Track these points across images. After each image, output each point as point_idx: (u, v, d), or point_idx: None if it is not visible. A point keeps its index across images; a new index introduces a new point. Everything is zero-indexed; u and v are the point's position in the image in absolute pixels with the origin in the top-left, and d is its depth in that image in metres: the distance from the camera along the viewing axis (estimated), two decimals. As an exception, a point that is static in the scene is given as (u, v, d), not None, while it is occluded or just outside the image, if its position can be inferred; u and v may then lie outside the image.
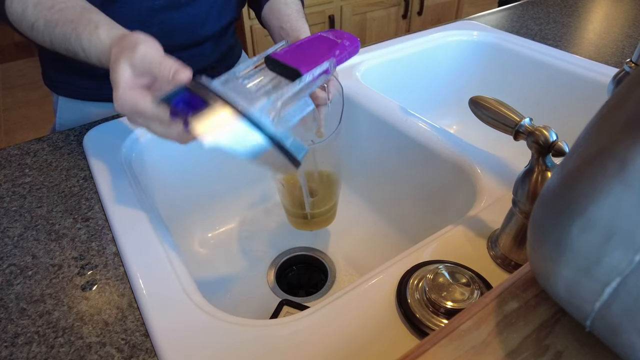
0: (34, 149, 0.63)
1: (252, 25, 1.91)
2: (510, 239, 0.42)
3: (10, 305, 0.41)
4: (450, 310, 0.36)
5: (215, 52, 0.81)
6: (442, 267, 0.39)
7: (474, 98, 0.46)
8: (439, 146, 0.61)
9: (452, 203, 0.60)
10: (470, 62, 0.95)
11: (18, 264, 0.46)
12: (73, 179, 0.57)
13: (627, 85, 0.20)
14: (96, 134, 0.64)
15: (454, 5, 2.56)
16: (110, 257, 0.46)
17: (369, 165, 0.78)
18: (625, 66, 0.44)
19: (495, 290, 0.27)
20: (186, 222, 0.73)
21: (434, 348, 0.24)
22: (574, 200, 0.19)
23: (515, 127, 0.40)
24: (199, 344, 0.37)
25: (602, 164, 0.18)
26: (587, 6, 1.10)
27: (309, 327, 0.38)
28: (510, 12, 1.08)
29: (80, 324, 0.40)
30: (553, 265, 0.21)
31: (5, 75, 2.81)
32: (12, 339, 0.39)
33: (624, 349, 0.20)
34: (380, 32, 2.35)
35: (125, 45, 0.44)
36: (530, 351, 0.23)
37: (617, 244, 0.18)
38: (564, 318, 0.25)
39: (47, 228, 0.50)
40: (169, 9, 0.70)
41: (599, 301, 0.19)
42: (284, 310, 0.60)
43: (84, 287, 0.43)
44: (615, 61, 0.81)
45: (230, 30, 0.84)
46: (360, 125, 0.75)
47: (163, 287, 0.41)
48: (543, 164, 0.38)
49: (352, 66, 0.81)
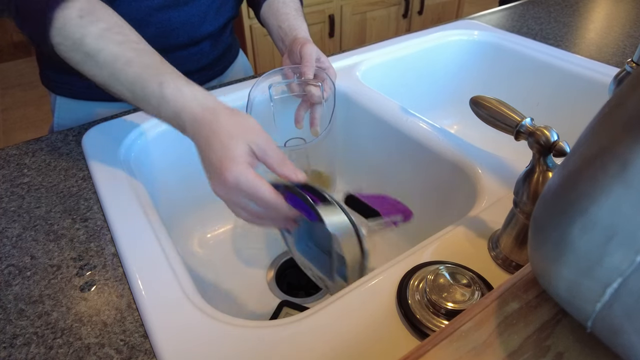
0: (32, 149, 0.63)
1: (251, 24, 1.91)
2: (511, 239, 0.42)
3: (8, 306, 0.41)
4: (451, 311, 0.36)
5: (213, 51, 0.81)
6: (443, 267, 0.39)
7: (475, 98, 0.46)
8: (440, 146, 0.61)
9: (453, 203, 0.60)
10: (470, 61, 0.95)
11: (17, 265, 0.45)
12: (72, 179, 0.57)
13: (628, 85, 0.20)
14: (95, 134, 0.64)
15: (455, 5, 2.56)
16: (109, 257, 0.46)
17: (368, 165, 0.78)
18: (626, 66, 0.44)
19: (496, 291, 0.27)
20: (185, 222, 0.73)
21: (435, 349, 0.24)
22: (575, 201, 0.19)
23: (516, 127, 0.40)
24: (198, 345, 0.37)
25: (603, 164, 0.18)
26: (588, 6, 1.10)
27: (308, 328, 0.38)
28: (510, 11, 1.07)
29: (79, 324, 0.40)
30: (554, 266, 0.21)
31: (4, 75, 2.81)
32: (11, 340, 0.38)
33: (625, 349, 0.20)
34: (380, 32, 2.35)
35: (247, 126, 0.45)
36: (531, 352, 0.23)
37: (618, 244, 0.18)
38: (565, 319, 0.25)
39: (46, 228, 0.50)
40: (168, 9, 0.70)
41: (600, 302, 0.19)
42: (284, 311, 0.60)
43: (82, 287, 0.43)
44: (616, 61, 0.81)
45: (228, 29, 0.84)
46: (360, 125, 0.74)
47: (162, 288, 0.41)
48: (544, 164, 0.38)
49: (352, 66, 0.81)
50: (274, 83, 0.67)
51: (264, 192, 0.42)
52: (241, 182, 0.42)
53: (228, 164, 0.42)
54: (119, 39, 0.49)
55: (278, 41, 0.74)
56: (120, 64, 0.48)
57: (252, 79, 0.78)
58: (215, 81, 0.85)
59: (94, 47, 0.48)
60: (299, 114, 0.68)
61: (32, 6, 0.49)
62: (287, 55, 0.71)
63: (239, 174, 0.42)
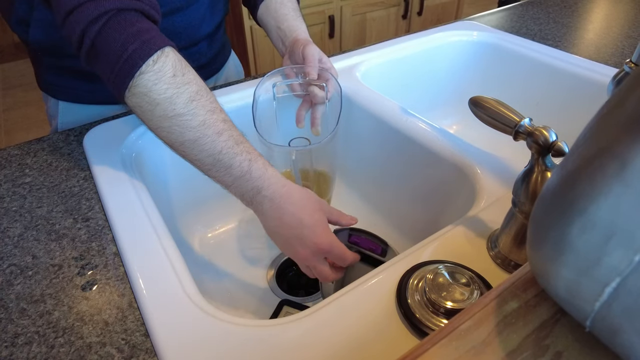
0: (34, 149, 0.63)
1: (252, 25, 1.91)
2: (510, 239, 0.42)
3: (10, 305, 0.42)
4: (450, 310, 0.36)
5: (209, 50, 0.81)
6: (442, 267, 0.39)
7: (474, 98, 0.46)
8: (439, 146, 0.61)
9: (452, 203, 0.60)
10: (470, 62, 0.95)
11: (18, 264, 0.46)
12: (73, 179, 0.57)
13: (627, 86, 0.20)
14: (96, 134, 0.64)
15: (454, 6, 2.56)
16: (111, 257, 0.46)
17: (368, 165, 0.78)
18: (625, 66, 0.44)
19: (495, 290, 0.27)
20: (186, 222, 0.73)
21: (434, 348, 0.24)
22: (574, 201, 0.20)
23: (515, 127, 0.40)
24: (198, 343, 0.37)
25: (602, 164, 0.18)
26: (587, 6, 1.10)
27: (308, 327, 0.38)
28: (510, 12, 1.08)
29: (81, 324, 0.40)
30: (553, 266, 0.21)
31: (5, 76, 2.81)
32: (12, 339, 0.39)
33: (624, 349, 0.20)
34: (380, 33, 2.35)
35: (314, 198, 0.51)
36: (530, 351, 0.23)
37: (617, 244, 0.18)
38: (564, 318, 0.25)
39: (47, 228, 0.50)
40: (172, 14, 0.70)
41: (598, 301, 0.19)
42: (284, 310, 0.60)
43: (84, 287, 0.43)
44: (615, 61, 0.81)
45: (222, 28, 0.85)
46: (360, 125, 0.75)
47: (163, 287, 0.41)
48: (543, 164, 0.38)
49: (352, 66, 0.81)
50: (277, 82, 0.67)
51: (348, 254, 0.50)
52: (334, 247, 0.49)
53: (321, 233, 0.48)
54: (207, 106, 0.48)
55: (277, 42, 0.74)
56: (210, 131, 0.47)
57: (246, 81, 0.78)
58: (212, 79, 0.85)
59: (183, 110, 0.46)
60: (300, 113, 0.69)
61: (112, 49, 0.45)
62: (287, 56, 0.71)
63: (333, 240, 0.49)
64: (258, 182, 0.48)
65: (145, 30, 0.46)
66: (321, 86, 0.65)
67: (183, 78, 0.47)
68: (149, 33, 0.46)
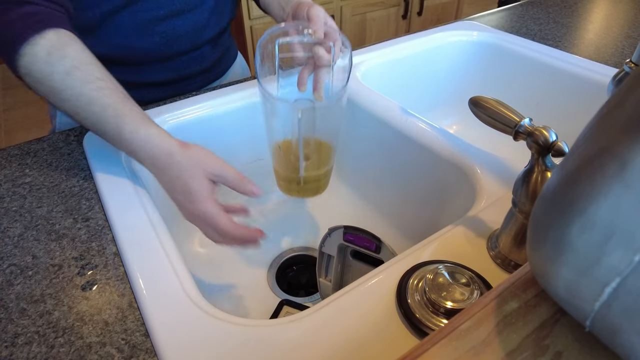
0: (34, 149, 0.63)
1: (252, 25, 1.91)
2: (510, 239, 0.42)
3: (10, 305, 0.42)
4: (450, 310, 0.36)
5: (213, 54, 0.81)
6: (442, 267, 0.39)
7: (474, 98, 0.46)
8: (439, 146, 0.61)
9: (452, 203, 0.60)
10: (470, 62, 0.95)
11: (18, 264, 0.46)
12: (73, 179, 0.57)
13: (626, 86, 0.20)
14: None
15: (454, 6, 2.56)
16: (111, 257, 0.46)
17: (368, 165, 0.78)
18: (625, 66, 0.44)
19: (495, 290, 0.27)
20: (186, 221, 0.73)
21: (434, 348, 0.24)
22: (574, 201, 0.20)
23: (515, 128, 0.40)
24: (199, 343, 0.37)
25: (602, 164, 0.18)
26: (587, 6, 1.10)
27: (308, 327, 0.38)
28: (510, 12, 1.08)
29: (81, 324, 0.40)
30: (553, 266, 0.21)
31: (6, 75, 2.81)
32: (12, 339, 0.39)
33: (624, 349, 0.20)
34: (380, 33, 2.35)
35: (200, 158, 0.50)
36: (530, 351, 0.23)
37: (616, 244, 0.18)
38: (564, 318, 0.25)
39: (47, 228, 0.50)
40: (172, 17, 0.70)
41: (598, 301, 0.19)
42: (284, 310, 0.60)
43: (84, 287, 0.43)
44: (615, 61, 0.81)
45: (227, 32, 0.84)
46: (360, 125, 0.75)
47: (163, 287, 0.41)
48: (543, 164, 0.38)
49: (352, 66, 0.81)
50: (281, 39, 0.61)
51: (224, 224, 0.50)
52: (207, 216, 0.49)
53: (194, 201, 0.49)
54: (84, 78, 0.50)
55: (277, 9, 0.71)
56: (83, 103, 0.50)
57: (246, 81, 0.78)
58: (217, 83, 0.85)
59: (59, 85, 0.50)
60: (303, 75, 0.64)
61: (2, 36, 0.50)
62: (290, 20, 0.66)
63: (204, 209, 0.49)
64: (131, 146, 0.51)
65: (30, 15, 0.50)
66: (328, 46, 0.59)
67: (59, 54, 0.50)
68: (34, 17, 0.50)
